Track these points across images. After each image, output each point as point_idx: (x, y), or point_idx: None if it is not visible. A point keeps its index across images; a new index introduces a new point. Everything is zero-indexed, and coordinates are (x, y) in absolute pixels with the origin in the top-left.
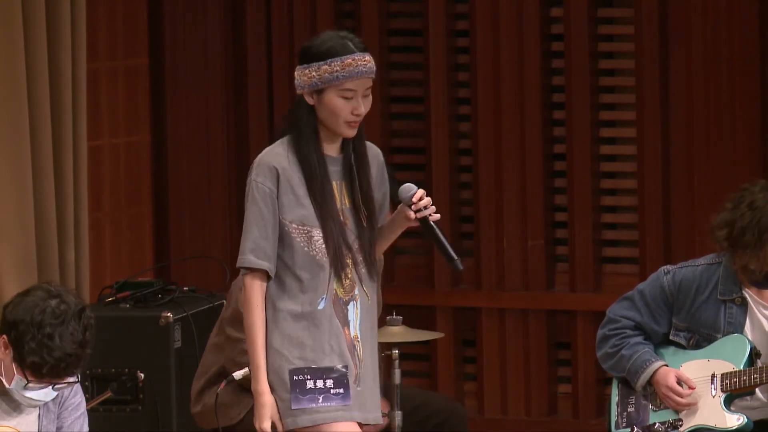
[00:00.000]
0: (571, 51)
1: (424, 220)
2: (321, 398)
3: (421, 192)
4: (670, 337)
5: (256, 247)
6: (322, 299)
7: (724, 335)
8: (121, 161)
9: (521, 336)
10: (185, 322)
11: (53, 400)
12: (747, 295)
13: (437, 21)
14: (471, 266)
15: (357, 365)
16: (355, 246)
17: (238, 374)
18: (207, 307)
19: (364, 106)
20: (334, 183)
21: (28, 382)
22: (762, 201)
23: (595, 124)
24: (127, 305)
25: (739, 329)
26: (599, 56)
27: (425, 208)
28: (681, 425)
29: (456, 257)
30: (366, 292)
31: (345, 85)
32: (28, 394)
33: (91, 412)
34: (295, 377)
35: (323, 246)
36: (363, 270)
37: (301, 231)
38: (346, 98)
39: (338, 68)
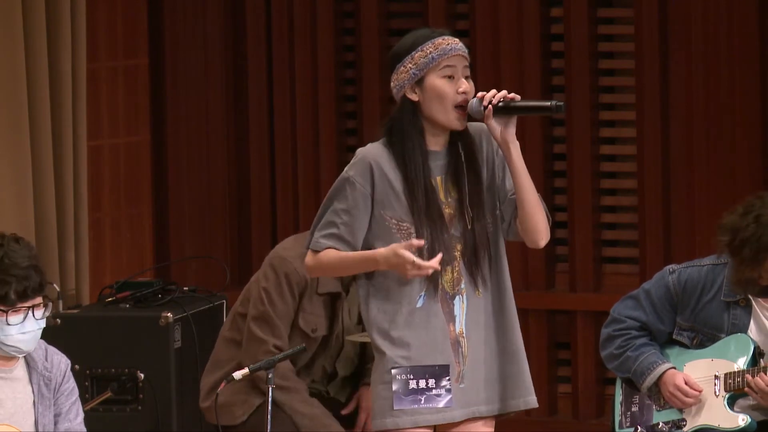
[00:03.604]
0: (571, 51)
1: (504, 108)
2: (423, 399)
3: (481, 94)
4: (674, 336)
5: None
6: (420, 297)
7: (727, 336)
8: (121, 161)
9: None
10: (185, 322)
11: (47, 386)
12: (751, 297)
13: (437, 21)
14: None
15: (460, 362)
16: (460, 242)
17: (238, 374)
18: (207, 307)
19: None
20: (438, 178)
21: (7, 313)
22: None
23: (595, 124)
24: (127, 305)
25: (744, 330)
26: (599, 56)
27: (494, 98)
28: (685, 425)
29: (551, 103)
30: (476, 287)
31: (443, 64)
32: (15, 332)
33: (91, 412)
34: (398, 376)
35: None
36: (470, 266)
37: (401, 227)
38: (447, 77)
39: (431, 49)
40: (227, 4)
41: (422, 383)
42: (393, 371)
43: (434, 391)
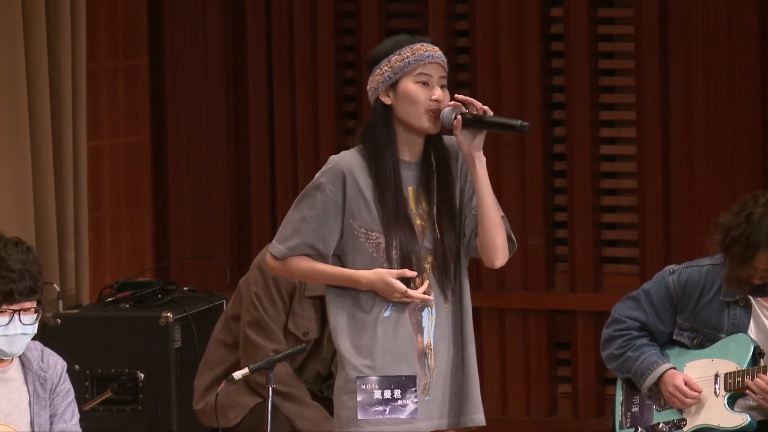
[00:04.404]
0: (571, 51)
1: (473, 121)
2: (387, 409)
3: (454, 103)
4: (674, 337)
5: (285, 239)
6: (388, 306)
7: (727, 335)
8: (121, 161)
9: (521, 336)
10: (185, 322)
11: (42, 386)
12: (751, 297)
13: (437, 21)
14: (471, 266)
15: (426, 374)
16: (431, 254)
17: (237, 374)
18: (207, 307)
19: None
20: (410, 188)
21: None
22: (758, 216)
23: (595, 124)
24: (127, 305)
25: (743, 330)
26: (599, 56)
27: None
28: (685, 425)
29: (517, 122)
30: (446, 299)
31: (418, 69)
32: (10, 331)
33: (91, 412)
34: (363, 386)
35: (385, 251)
36: (440, 278)
37: (370, 237)
38: (422, 83)
39: (408, 54)
40: (227, 4)
41: (387, 393)
42: (358, 381)
43: (399, 402)
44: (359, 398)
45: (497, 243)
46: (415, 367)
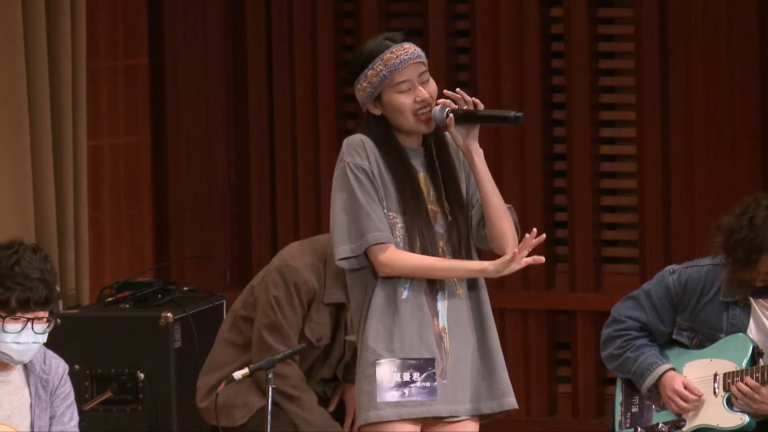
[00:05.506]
0: (571, 51)
1: (465, 116)
2: (407, 392)
3: (443, 101)
4: (673, 337)
5: (368, 228)
6: (405, 288)
7: (726, 336)
8: (121, 161)
9: (521, 336)
10: (185, 322)
11: (44, 388)
12: (750, 298)
13: (437, 21)
14: None
15: (443, 357)
16: (444, 237)
17: (237, 374)
18: (207, 307)
19: (426, 92)
20: (420, 174)
21: (5, 319)
22: (761, 219)
23: (595, 124)
24: (127, 305)
25: (743, 330)
26: (599, 56)
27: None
28: (684, 425)
29: (511, 113)
30: (456, 285)
31: (395, 79)
32: (10, 340)
33: (91, 412)
34: (381, 369)
35: (406, 236)
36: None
37: (387, 216)
38: (403, 91)
39: (381, 67)
40: (227, 4)
41: (407, 376)
42: (377, 364)
43: (419, 384)
44: (378, 381)
45: (506, 230)
46: (433, 350)
